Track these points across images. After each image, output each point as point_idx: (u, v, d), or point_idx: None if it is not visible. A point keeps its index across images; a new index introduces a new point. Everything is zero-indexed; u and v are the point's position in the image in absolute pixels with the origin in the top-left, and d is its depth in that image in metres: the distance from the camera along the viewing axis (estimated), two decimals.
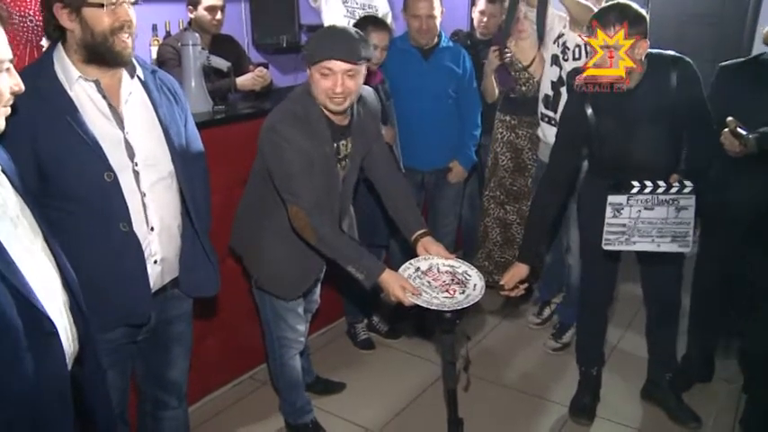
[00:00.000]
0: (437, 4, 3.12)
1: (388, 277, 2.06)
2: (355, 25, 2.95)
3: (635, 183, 2.29)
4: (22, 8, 3.33)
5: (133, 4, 1.67)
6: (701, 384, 3.01)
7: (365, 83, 2.23)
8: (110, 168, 1.67)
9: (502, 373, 3.18)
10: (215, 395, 2.97)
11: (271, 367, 2.73)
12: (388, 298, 2.10)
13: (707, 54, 3.87)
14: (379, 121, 2.41)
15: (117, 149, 1.70)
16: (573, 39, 2.99)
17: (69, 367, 1.36)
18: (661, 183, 2.27)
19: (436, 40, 3.21)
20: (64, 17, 1.60)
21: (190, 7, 3.45)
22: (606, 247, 2.34)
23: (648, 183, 2.28)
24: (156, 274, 1.85)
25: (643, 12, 2.25)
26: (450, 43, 3.32)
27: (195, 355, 2.58)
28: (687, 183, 2.26)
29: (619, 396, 2.95)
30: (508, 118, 3.51)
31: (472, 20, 3.86)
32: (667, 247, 2.29)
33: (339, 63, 2.02)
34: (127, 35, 1.65)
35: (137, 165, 1.74)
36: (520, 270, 2.43)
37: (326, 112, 2.16)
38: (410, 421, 2.82)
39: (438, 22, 3.15)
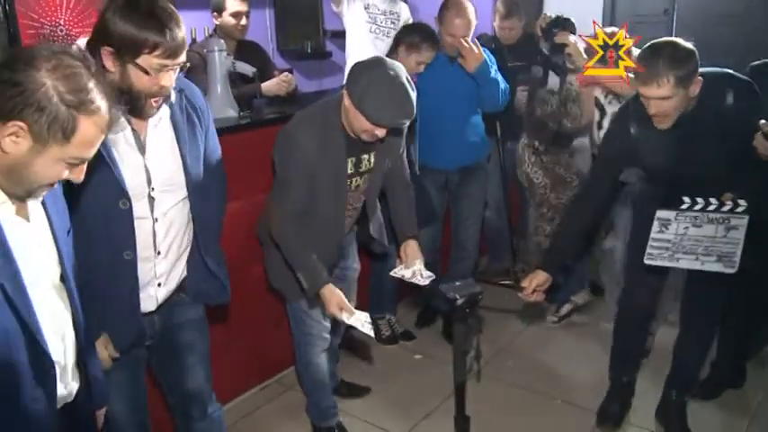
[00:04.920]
0: (473, 25, 3.08)
1: (329, 293, 2.16)
2: (408, 32, 3.00)
3: (685, 199, 2.20)
4: (53, 18, 3.40)
5: (182, 70, 1.64)
6: (733, 390, 2.94)
7: None
8: (126, 196, 1.65)
9: (524, 376, 3.15)
10: (241, 398, 2.99)
11: (297, 367, 2.75)
12: (329, 313, 2.20)
13: (734, 55, 3.81)
14: (404, 137, 2.45)
15: (136, 175, 1.68)
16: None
17: (61, 405, 1.36)
18: (713, 200, 2.17)
19: None
20: (108, 60, 1.55)
21: (215, 14, 3.49)
22: (648, 262, 2.24)
23: (699, 200, 2.18)
24: (161, 297, 1.84)
25: (690, 46, 2.10)
26: None
27: (222, 359, 2.60)
28: (741, 201, 2.14)
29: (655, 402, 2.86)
30: (536, 143, 3.50)
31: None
32: (711, 266, 2.16)
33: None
34: (160, 98, 1.64)
35: (153, 190, 1.72)
36: (540, 277, 2.41)
37: (347, 129, 2.20)
38: (435, 426, 2.80)
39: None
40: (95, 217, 1.64)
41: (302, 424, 2.79)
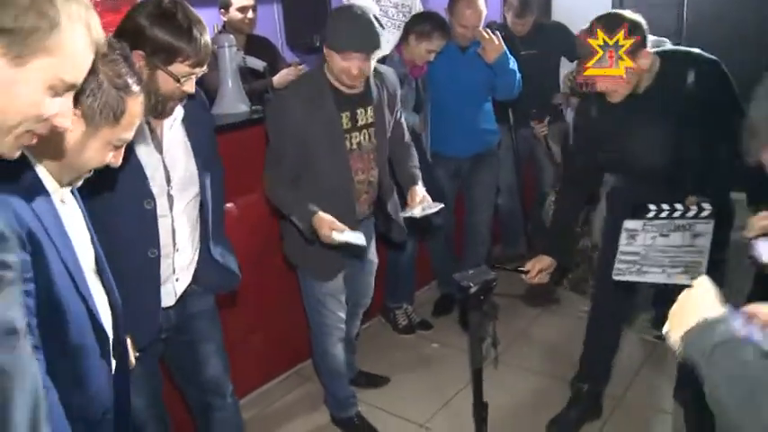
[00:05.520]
0: (484, 15, 3.09)
1: (318, 220, 2.20)
2: (418, 21, 3.03)
3: (651, 206, 2.15)
4: None
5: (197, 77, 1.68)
6: None
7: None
8: (150, 195, 1.69)
9: (541, 362, 3.16)
10: (261, 390, 3.02)
11: (313, 357, 2.77)
12: (323, 238, 2.22)
13: (747, 36, 3.75)
14: (398, 98, 2.50)
15: (156, 174, 1.72)
16: None
17: None
18: (678, 206, 2.12)
19: None
20: (138, 63, 1.54)
21: (222, 10, 3.52)
22: (616, 278, 2.17)
23: (665, 206, 2.13)
24: (179, 291, 1.88)
25: (636, 18, 2.07)
26: None
27: (240, 351, 2.63)
28: (705, 206, 2.07)
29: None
30: None
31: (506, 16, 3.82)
32: (678, 278, 2.08)
33: (359, 54, 2.14)
34: (181, 100, 1.70)
35: (171, 188, 1.76)
36: (543, 261, 2.40)
37: (335, 84, 2.26)
38: (454, 413, 2.82)
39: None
40: (120, 217, 1.67)
41: (322, 415, 2.82)
